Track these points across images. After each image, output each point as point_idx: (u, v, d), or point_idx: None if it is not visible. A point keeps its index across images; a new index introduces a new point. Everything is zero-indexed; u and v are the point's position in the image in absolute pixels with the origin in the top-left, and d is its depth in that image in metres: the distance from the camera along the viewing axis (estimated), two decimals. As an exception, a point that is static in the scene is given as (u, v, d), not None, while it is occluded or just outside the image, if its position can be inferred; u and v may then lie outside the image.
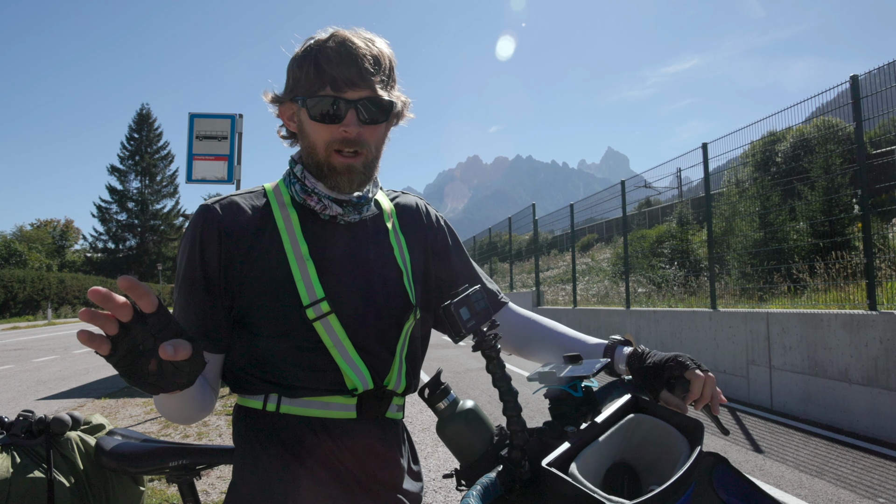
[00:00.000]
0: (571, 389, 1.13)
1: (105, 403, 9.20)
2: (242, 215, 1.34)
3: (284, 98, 1.36)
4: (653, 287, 14.22)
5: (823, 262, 9.04)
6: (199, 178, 11.16)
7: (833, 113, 8.43)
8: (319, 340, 1.29)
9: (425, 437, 6.65)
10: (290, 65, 1.34)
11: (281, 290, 1.29)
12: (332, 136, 1.29)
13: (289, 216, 1.35)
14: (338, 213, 1.35)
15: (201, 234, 1.30)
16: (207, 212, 1.32)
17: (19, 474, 1.59)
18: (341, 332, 1.29)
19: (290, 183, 1.39)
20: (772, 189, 10.20)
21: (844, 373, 6.87)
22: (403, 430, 1.47)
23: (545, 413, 1.14)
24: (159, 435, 6.84)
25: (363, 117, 1.29)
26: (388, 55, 1.34)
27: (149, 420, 7.91)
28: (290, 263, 1.30)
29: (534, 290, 18.93)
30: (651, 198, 28.80)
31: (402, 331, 1.38)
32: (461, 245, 1.63)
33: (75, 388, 10.75)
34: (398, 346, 1.37)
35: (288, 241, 1.32)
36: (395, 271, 1.41)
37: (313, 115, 1.29)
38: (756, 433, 6.78)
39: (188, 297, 1.30)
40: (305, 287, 1.29)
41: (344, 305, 1.31)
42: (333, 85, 1.26)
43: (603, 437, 1.03)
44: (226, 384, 1.38)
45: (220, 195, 1.39)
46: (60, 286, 45.83)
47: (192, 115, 11.17)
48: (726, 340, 8.97)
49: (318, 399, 1.30)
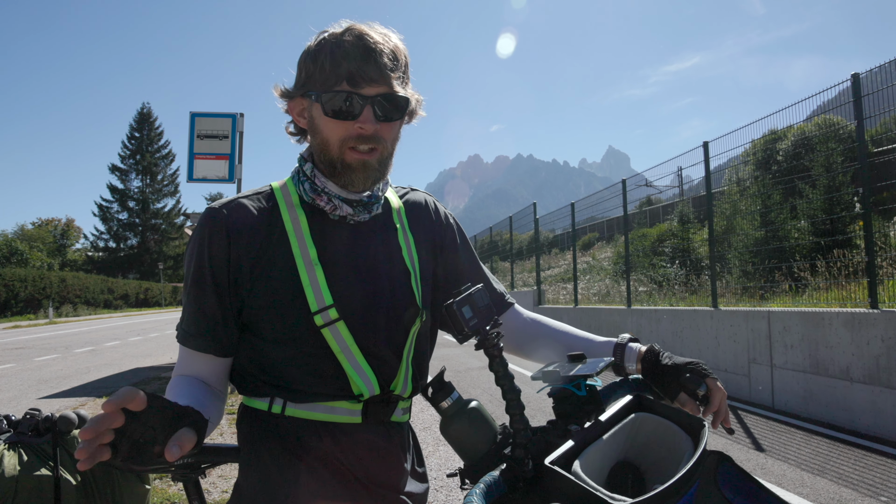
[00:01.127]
0: (575, 388, 1.13)
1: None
2: (250, 218, 1.30)
3: (295, 93, 1.31)
4: (654, 286, 14.21)
5: (825, 261, 9.04)
6: (201, 177, 11.18)
7: (834, 111, 8.43)
8: (327, 346, 1.27)
9: (426, 437, 6.65)
10: (303, 58, 1.29)
11: (289, 295, 1.27)
12: (347, 133, 1.25)
13: (297, 217, 1.32)
14: (348, 214, 1.33)
15: (209, 238, 1.28)
16: (215, 215, 1.29)
17: (26, 472, 1.60)
18: (349, 339, 1.28)
19: (298, 181, 1.35)
20: (773, 187, 10.19)
21: (846, 371, 6.87)
22: (409, 432, 1.47)
23: (549, 412, 1.14)
24: (161, 434, 6.85)
25: (379, 114, 1.25)
26: (403, 51, 1.30)
27: (151, 419, 7.90)
28: (298, 268, 1.28)
29: (535, 289, 18.92)
30: (652, 196, 28.80)
31: (410, 334, 1.37)
32: (469, 244, 1.61)
33: (77, 387, 10.75)
34: (405, 350, 1.36)
35: (296, 245, 1.29)
36: (404, 273, 1.39)
37: (328, 110, 1.24)
38: (757, 432, 6.79)
39: (198, 302, 1.29)
40: (314, 293, 1.27)
41: (352, 312, 1.29)
42: (350, 80, 1.22)
43: (606, 435, 1.03)
44: (231, 383, 1.38)
45: (226, 196, 1.36)
46: (62, 285, 45.82)
47: (193, 114, 11.18)
48: (728, 339, 8.97)
49: (323, 403, 1.29)
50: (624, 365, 1.34)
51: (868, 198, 7.04)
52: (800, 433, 6.67)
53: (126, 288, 57.04)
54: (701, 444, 0.95)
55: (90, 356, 16.06)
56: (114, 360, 15.14)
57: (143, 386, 10.67)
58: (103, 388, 10.52)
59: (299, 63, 1.31)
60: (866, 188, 7.06)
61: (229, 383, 1.39)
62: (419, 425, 7.14)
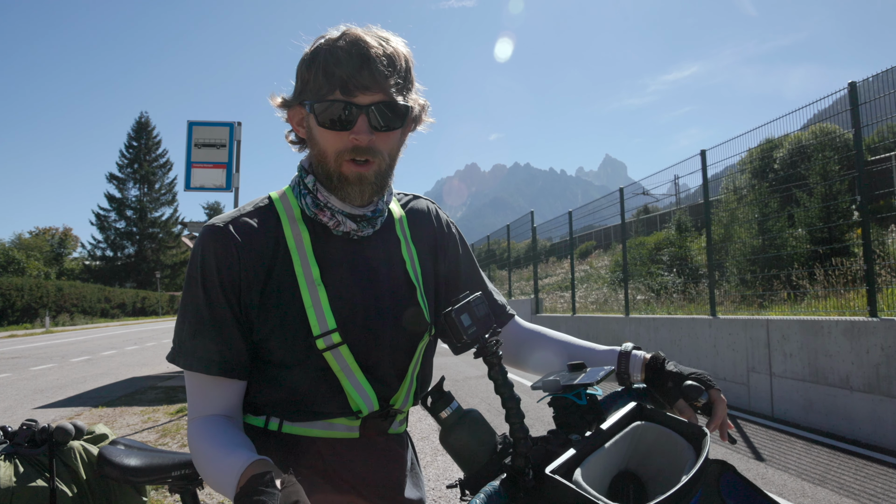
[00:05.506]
0: (575, 397, 1.12)
1: (102, 412, 9.16)
2: (256, 238, 1.25)
3: (293, 102, 1.27)
4: (652, 294, 14.21)
5: (823, 269, 9.05)
6: (198, 186, 11.18)
7: (831, 119, 8.45)
8: (327, 367, 1.24)
9: (424, 446, 6.63)
10: (300, 66, 1.25)
11: (292, 318, 1.23)
12: (342, 145, 1.21)
13: (300, 234, 1.28)
14: (352, 230, 1.29)
15: (218, 257, 1.22)
16: (221, 235, 1.23)
17: (22, 483, 1.59)
18: (352, 362, 1.25)
19: (300, 194, 1.31)
20: (770, 196, 10.21)
21: (846, 380, 6.86)
22: (407, 440, 1.45)
23: (549, 422, 1.13)
24: (157, 443, 6.82)
25: (375, 124, 1.20)
26: (404, 55, 1.24)
27: (146, 429, 7.88)
28: (301, 290, 1.23)
29: (532, 298, 18.91)
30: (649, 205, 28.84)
31: (417, 350, 1.34)
32: (471, 254, 1.58)
33: (73, 397, 10.70)
34: (410, 366, 1.33)
35: (299, 264, 1.25)
36: (408, 288, 1.36)
37: (322, 121, 1.20)
38: (757, 441, 6.77)
39: (212, 328, 1.22)
40: (317, 316, 1.23)
41: (356, 334, 1.26)
42: (343, 88, 1.17)
43: (608, 444, 1.02)
44: None
45: (225, 212, 1.31)
46: (58, 294, 45.69)
47: (190, 122, 11.19)
48: (726, 348, 8.96)
49: (321, 421, 1.28)
50: (628, 373, 1.31)
51: (866, 206, 7.05)
52: (800, 442, 6.65)
53: (123, 297, 56.89)
54: (703, 453, 0.94)
55: (86, 365, 16.00)
56: (110, 369, 15.08)
57: (140, 396, 10.65)
58: (100, 398, 10.48)
59: (297, 71, 1.27)
60: (864, 196, 7.07)
61: None
62: (417, 435, 7.12)
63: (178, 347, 1.25)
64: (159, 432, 7.61)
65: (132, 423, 8.31)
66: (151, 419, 8.56)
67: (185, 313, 1.24)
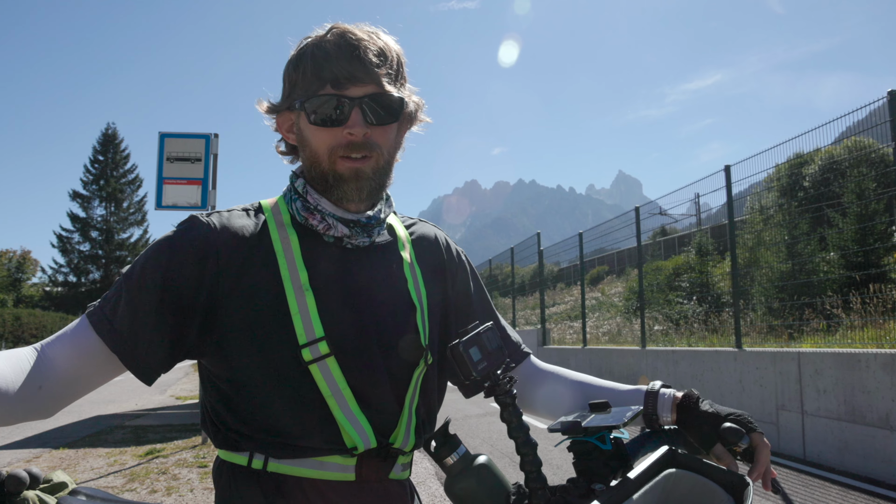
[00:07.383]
0: (599, 441, 1.11)
1: (64, 454, 9.08)
2: (236, 234, 1.26)
3: (281, 106, 1.30)
4: (670, 324, 14.22)
5: (859, 296, 9.04)
6: (170, 204, 11.15)
7: (867, 133, 8.50)
8: (315, 388, 1.21)
9: (421, 491, 6.56)
10: (287, 69, 1.28)
11: (273, 324, 1.22)
12: (335, 141, 1.23)
13: (287, 238, 1.28)
14: (344, 235, 1.29)
15: (183, 246, 1.22)
16: (197, 224, 1.25)
17: (-32, 539, 1.55)
18: (341, 380, 1.22)
19: (290, 200, 1.32)
20: (800, 216, 10.25)
21: (885, 419, 6.83)
22: (410, 490, 1.41)
23: (569, 469, 1.11)
24: (123, 490, 6.75)
25: (370, 117, 1.23)
26: (395, 49, 1.28)
27: (112, 473, 7.80)
28: (286, 294, 1.23)
29: (539, 328, 18.90)
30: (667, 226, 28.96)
31: (413, 378, 1.32)
32: (483, 289, 1.58)
33: (31, 437, 10.63)
34: (407, 397, 1.30)
35: (285, 267, 1.24)
36: (408, 306, 1.34)
37: (313, 118, 1.23)
38: (788, 486, 6.73)
39: (138, 304, 1.19)
40: (303, 323, 1.21)
41: (345, 347, 1.24)
42: (334, 82, 1.21)
43: (637, 495, 1.00)
44: (204, 433, 1.33)
45: (214, 210, 1.31)
46: (16, 323, 45.64)
47: (162, 134, 11.19)
48: (753, 383, 8.93)
49: (311, 459, 1.24)
50: (657, 414, 1.27)
51: (905, 227, 7.07)
52: (835, 488, 6.61)
53: (87, 327, 56.80)
54: (745, 505, 0.92)
55: (45, 403, 15.89)
56: (73, 406, 14.96)
57: (106, 436, 10.56)
58: (61, 438, 10.41)
59: (284, 74, 1.30)
60: (903, 216, 7.10)
61: (201, 433, 1.32)
62: (415, 478, 7.05)
63: (100, 305, 1.21)
64: (126, 476, 7.53)
65: (96, 467, 8.22)
66: (118, 462, 8.47)
67: (131, 279, 1.21)
